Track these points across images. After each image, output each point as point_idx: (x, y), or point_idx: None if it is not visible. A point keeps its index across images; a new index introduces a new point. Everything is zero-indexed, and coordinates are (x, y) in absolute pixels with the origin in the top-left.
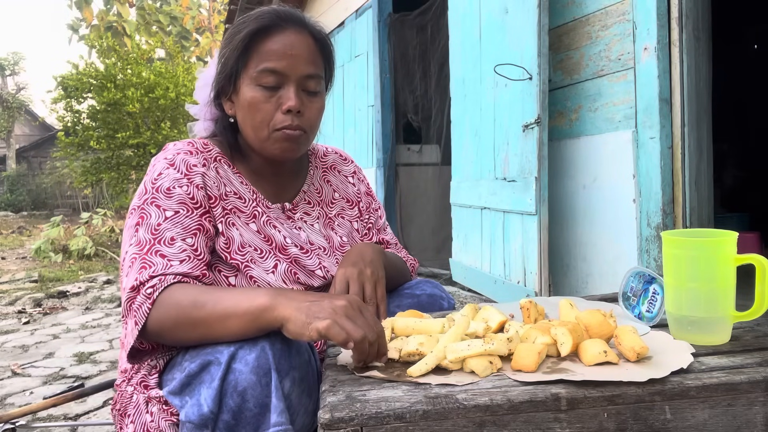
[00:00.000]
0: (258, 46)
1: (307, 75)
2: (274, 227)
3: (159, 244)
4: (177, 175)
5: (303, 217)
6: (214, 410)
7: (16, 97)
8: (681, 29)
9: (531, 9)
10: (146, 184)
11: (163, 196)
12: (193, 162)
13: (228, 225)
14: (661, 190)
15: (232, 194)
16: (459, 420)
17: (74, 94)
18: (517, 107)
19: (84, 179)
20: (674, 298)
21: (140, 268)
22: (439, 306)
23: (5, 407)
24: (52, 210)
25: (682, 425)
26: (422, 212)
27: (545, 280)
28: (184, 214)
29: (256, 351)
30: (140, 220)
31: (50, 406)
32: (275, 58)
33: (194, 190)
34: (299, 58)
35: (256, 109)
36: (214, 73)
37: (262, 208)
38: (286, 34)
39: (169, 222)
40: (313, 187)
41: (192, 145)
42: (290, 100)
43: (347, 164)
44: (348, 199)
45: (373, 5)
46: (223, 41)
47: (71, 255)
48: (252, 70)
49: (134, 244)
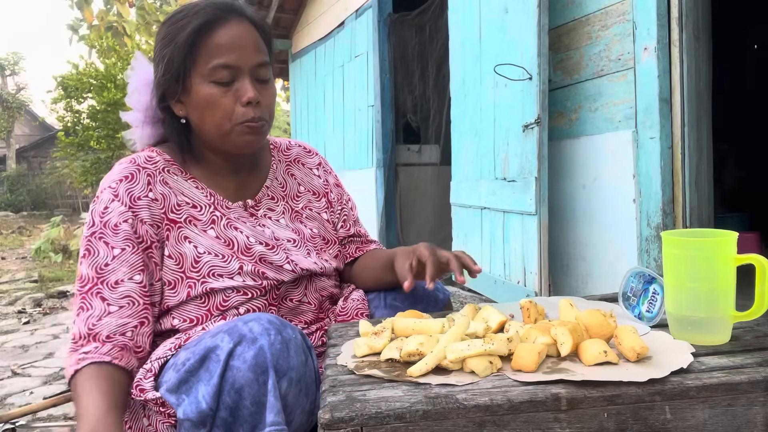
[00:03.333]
0: (205, 42)
1: (258, 64)
2: (236, 228)
3: (101, 284)
4: (122, 209)
5: (267, 213)
6: (212, 407)
7: (16, 97)
8: (681, 29)
9: (531, 9)
10: (94, 216)
11: (111, 233)
12: (137, 193)
13: (180, 241)
14: (661, 190)
15: (184, 204)
16: (459, 420)
17: (74, 94)
18: (517, 107)
19: (84, 179)
20: (674, 298)
21: (79, 309)
22: (434, 298)
23: (5, 407)
24: (52, 210)
25: (682, 425)
26: (422, 212)
27: (545, 280)
28: (130, 251)
29: (255, 349)
30: (86, 254)
31: (50, 406)
32: (225, 52)
33: (138, 226)
34: (248, 49)
35: (214, 105)
36: (148, 77)
37: (221, 210)
38: (231, 26)
39: (117, 261)
40: (276, 182)
41: (134, 163)
42: (248, 92)
43: (311, 156)
44: (314, 192)
45: (373, 5)
46: (160, 41)
47: (71, 255)
48: (203, 68)
49: (78, 279)
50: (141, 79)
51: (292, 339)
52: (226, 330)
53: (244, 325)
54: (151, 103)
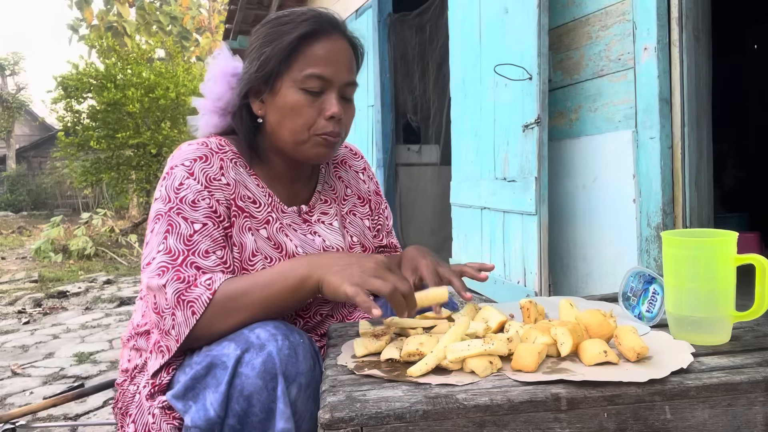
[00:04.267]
0: (305, 50)
1: (347, 83)
2: (286, 235)
3: (194, 255)
4: (198, 187)
5: (321, 218)
6: (221, 414)
7: (16, 97)
8: (681, 29)
9: (531, 9)
10: (168, 192)
11: (189, 208)
12: (212, 174)
13: (243, 231)
14: (661, 190)
15: (246, 198)
16: (459, 420)
17: (74, 94)
18: (517, 107)
19: (84, 179)
20: (674, 298)
21: (175, 279)
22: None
23: (5, 407)
24: (52, 210)
25: (682, 425)
26: (422, 212)
27: (545, 280)
28: (212, 227)
29: (263, 356)
30: (170, 228)
31: (50, 406)
32: (323, 63)
33: (216, 204)
34: (343, 65)
35: (298, 112)
36: (226, 68)
37: (276, 213)
38: (332, 40)
39: (199, 234)
40: (327, 186)
41: (206, 147)
42: (333, 107)
43: (357, 159)
44: (360, 196)
45: (373, 5)
46: (261, 39)
47: (71, 255)
48: (297, 74)
49: (164, 251)
50: (220, 69)
51: (300, 344)
52: (231, 338)
53: (251, 333)
54: (224, 95)
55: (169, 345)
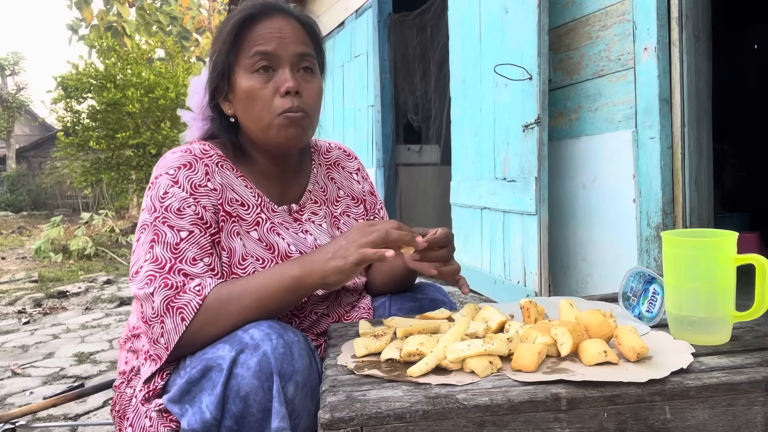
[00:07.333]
0: (246, 35)
1: (299, 53)
2: (278, 234)
3: (181, 263)
4: (183, 195)
5: (311, 218)
6: (217, 416)
7: (16, 97)
8: (681, 29)
9: (531, 9)
10: (153, 202)
11: (175, 217)
12: (197, 181)
13: (232, 235)
14: (661, 190)
15: (234, 201)
16: (459, 420)
17: (74, 94)
18: (517, 107)
19: (84, 179)
20: (674, 298)
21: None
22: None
23: (5, 407)
24: (52, 210)
25: (682, 425)
26: (422, 212)
27: (545, 280)
28: (198, 234)
29: (258, 356)
30: (156, 237)
31: (50, 406)
32: (265, 40)
33: (202, 211)
34: (288, 39)
35: (254, 97)
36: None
37: (266, 213)
38: (273, 20)
39: (186, 242)
40: (318, 186)
41: (190, 153)
42: (287, 81)
43: (351, 160)
44: (353, 197)
45: (373, 5)
46: (211, 43)
47: (71, 255)
48: (245, 60)
49: (150, 260)
50: (200, 81)
51: (294, 342)
52: (225, 340)
53: (245, 333)
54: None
55: (159, 353)
